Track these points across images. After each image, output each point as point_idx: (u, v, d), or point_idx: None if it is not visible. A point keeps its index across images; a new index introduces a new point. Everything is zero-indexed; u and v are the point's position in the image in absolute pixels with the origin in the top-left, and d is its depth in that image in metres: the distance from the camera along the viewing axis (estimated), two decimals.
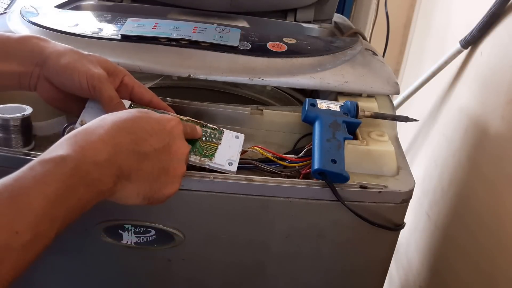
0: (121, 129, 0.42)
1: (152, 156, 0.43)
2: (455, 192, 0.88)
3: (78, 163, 0.37)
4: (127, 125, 0.43)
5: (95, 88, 0.50)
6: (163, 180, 0.44)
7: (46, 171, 0.35)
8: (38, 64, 0.50)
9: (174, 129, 0.46)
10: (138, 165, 0.42)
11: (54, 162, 0.36)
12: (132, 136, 0.42)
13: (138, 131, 0.43)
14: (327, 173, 0.51)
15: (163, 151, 0.44)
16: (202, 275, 0.60)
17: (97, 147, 0.39)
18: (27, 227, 0.33)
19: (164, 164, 0.44)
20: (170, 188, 0.45)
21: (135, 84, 0.55)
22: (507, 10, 0.77)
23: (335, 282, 0.61)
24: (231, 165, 0.53)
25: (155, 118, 0.45)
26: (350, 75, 0.65)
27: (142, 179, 0.43)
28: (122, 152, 0.41)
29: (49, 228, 0.34)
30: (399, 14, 1.33)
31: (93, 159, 0.38)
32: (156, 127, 0.44)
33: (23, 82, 0.51)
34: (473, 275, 0.79)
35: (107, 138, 0.40)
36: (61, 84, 0.51)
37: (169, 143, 0.45)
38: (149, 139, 0.43)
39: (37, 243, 0.34)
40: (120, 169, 0.40)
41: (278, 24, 0.89)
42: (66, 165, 0.36)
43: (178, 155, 0.46)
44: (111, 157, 0.39)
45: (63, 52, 0.51)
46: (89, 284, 0.61)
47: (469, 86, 0.87)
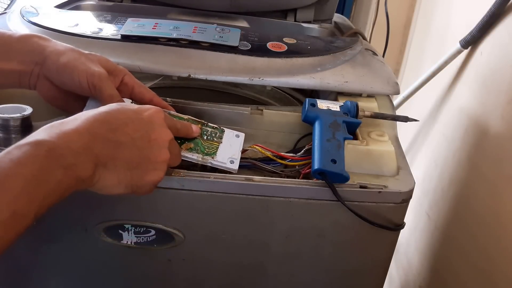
0: (96, 120, 0.42)
1: (129, 144, 0.43)
2: (455, 192, 0.88)
3: (53, 146, 0.38)
4: (102, 116, 0.43)
5: (96, 86, 0.50)
6: (144, 167, 0.44)
7: (22, 153, 0.36)
8: (38, 63, 0.51)
9: (152, 117, 0.46)
10: (115, 153, 0.42)
11: (30, 145, 0.37)
12: (107, 125, 0.42)
13: (113, 120, 0.43)
14: (327, 173, 0.51)
15: (141, 139, 0.44)
16: (202, 275, 0.60)
17: (72, 135, 0.40)
18: (5, 205, 0.34)
19: (144, 152, 0.44)
20: (154, 175, 0.45)
21: (136, 83, 0.55)
22: (507, 10, 0.77)
23: (335, 282, 0.61)
24: (232, 163, 0.53)
25: (131, 108, 0.46)
26: (350, 75, 0.65)
27: (121, 167, 0.43)
28: (97, 140, 0.41)
29: (27, 207, 0.35)
30: (399, 14, 1.33)
31: (68, 144, 0.39)
32: (133, 116, 0.45)
33: (23, 80, 0.51)
34: (473, 275, 0.79)
35: (82, 129, 0.41)
36: (61, 83, 0.51)
37: (147, 131, 0.45)
38: (125, 128, 0.43)
39: (16, 221, 0.34)
40: (96, 156, 0.41)
41: (278, 24, 0.89)
42: (41, 147, 0.37)
43: (159, 142, 0.46)
44: (86, 145, 0.40)
45: (63, 51, 0.51)
46: (89, 284, 0.61)
47: (469, 86, 0.87)
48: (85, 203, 0.53)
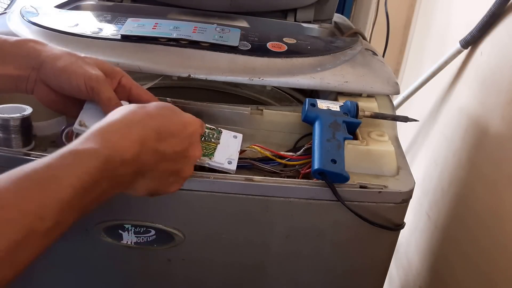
0: (150, 128, 0.42)
1: (169, 158, 0.44)
2: (455, 192, 0.88)
3: (109, 158, 0.38)
4: (155, 122, 0.43)
5: (93, 89, 0.50)
6: (171, 180, 0.46)
7: (77, 163, 0.36)
8: (34, 68, 0.50)
9: (195, 133, 0.47)
10: (156, 165, 0.43)
11: (86, 155, 0.37)
12: (158, 135, 0.43)
13: (163, 130, 0.44)
14: (327, 173, 0.51)
15: (180, 154, 0.45)
16: (202, 275, 0.60)
17: (126, 144, 0.40)
18: (52, 214, 0.34)
19: (178, 166, 0.46)
20: (174, 187, 0.47)
21: (133, 85, 0.55)
22: (507, 10, 0.77)
23: (335, 282, 0.61)
24: (230, 164, 0.53)
25: (180, 119, 0.46)
26: (350, 75, 0.65)
27: (155, 177, 0.44)
28: (147, 152, 0.42)
29: (69, 217, 0.36)
30: (399, 14, 1.33)
31: (121, 156, 0.39)
32: (180, 128, 0.45)
33: (19, 85, 0.51)
34: (473, 275, 0.79)
35: (136, 136, 0.41)
36: (58, 87, 0.51)
37: (187, 148, 0.46)
38: (172, 140, 0.44)
39: (57, 230, 0.35)
40: (140, 167, 0.42)
41: (278, 24, 0.89)
42: (97, 159, 0.37)
43: (191, 160, 0.47)
44: (136, 156, 0.40)
45: (59, 55, 0.51)
46: (89, 284, 0.61)
47: (469, 86, 0.87)
48: None
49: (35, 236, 0.33)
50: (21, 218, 0.32)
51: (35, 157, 0.51)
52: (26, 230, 0.32)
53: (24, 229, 0.32)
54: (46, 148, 0.57)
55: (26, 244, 0.33)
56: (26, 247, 0.33)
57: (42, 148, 0.57)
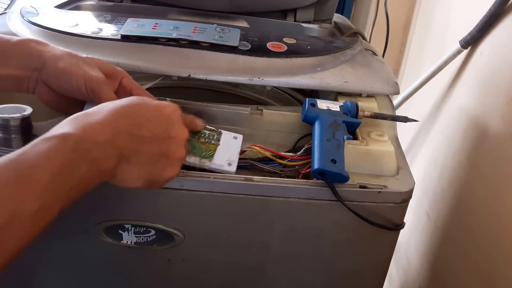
0: (119, 114, 0.43)
1: (151, 140, 0.44)
2: (455, 192, 0.88)
3: (79, 139, 0.38)
4: (126, 110, 0.43)
5: (94, 91, 0.50)
6: (163, 164, 0.46)
7: (49, 146, 0.37)
8: (36, 68, 0.51)
9: (171, 114, 0.47)
10: (137, 148, 0.43)
11: (57, 139, 0.37)
12: (130, 120, 0.43)
13: (136, 116, 0.44)
14: (327, 173, 0.51)
15: (162, 136, 0.45)
16: (202, 275, 0.60)
17: (97, 128, 0.40)
18: (33, 197, 0.34)
19: (164, 148, 0.45)
20: (170, 171, 0.46)
21: (134, 85, 0.55)
22: (507, 10, 0.77)
23: (335, 282, 0.61)
24: (230, 166, 0.53)
25: (152, 104, 0.46)
26: (350, 75, 0.65)
27: (142, 162, 0.44)
28: (120, 134, 0.42)
29: (53, 201, 0.36)
30: (399, 14, 1.33)
31: (93, 138, 0.39)
32: (154, 113, 0.45)
33: (21, 85, 0.51)
34: (473, 275, 0.79)
35: (106, 122, 0.41)
36: (59, 88, 0.51)
37: (167, 129, 0.46)
38: (148, 124, 0.44)
39: (43, 215, 0.35)
40: (120, 150, 0.41)
41: (278, 24, 0.89)
42: (68, 141, 0.38)
43: (178, 140, 0.47)
44: (110, 138, 0.41)
45: (60, 56, 0.51)
46: (89, 284, 0.61)
47: (468, 86, 0.87)
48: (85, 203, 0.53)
49: (19, 220, 0.33)
50: (2, 202, 0.33)
51: None
52: (8, 214, 0.33)
53: (7, 213, 0.33)
54: None
55: (11, 229, 0.33)
56: (11, 232, 0.33)
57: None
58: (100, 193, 0.51)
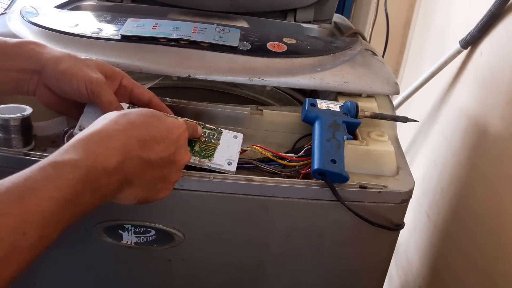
0: (132, 136, 0.42)
1: (156, 165, 0.44)
2: (455, 192, 0.88)
3: (90, 169, 0.37)
4: (139, 131, 0.43)
5: (94, 93, 0.50)
6: (160, 186, 0.45)
7: (57, 174, 0.35)
8: (35, 70, 0.50)
9: (180, 137, 0.47)
10: (142, 173, 0.43)
11: (67, 166, 0.36)
12: (140, 143, 0.42)
13: (148, 138, 0.43)
14: (327, 173, 0.51)
15: (167, 160, 0.45)
16: (202, 275, 0.60)
17: (109, 153, 0.39)
18: (35, 229, 0.33)
19: (165, 172, 0.45)
20: (163, 193, 0.46)
21: (134, 85, 0.55)
22: (507, 10, 0.77)
23: (335, 282, 0.61)
24: (230, 165, 0.53)
25: (165, 125, 0.46)
26: (349, 75, 0.65)
27: (143, 185, 0.43)
28: (130, 160, 0.41)
29: (54, 230, 0.35)
30: (399, 14, 1.33)
31: (103, 166, 0.38)
32: (165, 135, 0.45)
33: (21, 88, 0.51)
34: (473, 275, 0.79)
35: (118, 145, 0.40)
36: (60, 90, 0.51)
37: (174, 152, 0.45)
38: (157, 147, 0.43)
39: (41, 244, 0.34)
40: (125, 176, 0.41)
41: (278, 24, 0.89)
42: (78, 170, 0.37)
43: (179, 165, 0.46)
44: (120, 165, 0.40)
45: (60, 57, 0.51)
46: (89, 284, 0.61)
47: (468, 86, 0.87)
48: None
49: (18, 252, 0.32)
50: (2, 234, 0.31)
51: (35, 157, 0.51)
52: (9, 246, 0.32)
53: (7, 245, 0.32)
54: (46, 148, 0.57)
55: (9, 261, 0.32)
56: (9, 264, 0.32)
57: (42, 148, 0.57)
58: None
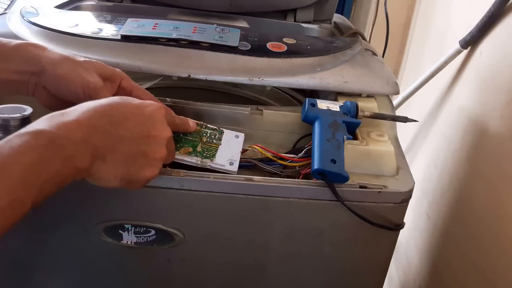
0: (97, 112, 0.42)
1: (128, 139, 0.44)
2: (455, 192, 0.88)
3: (54, 136, 0.38)
4: (104, 108, 0.43)
5: (92, 98, 0.50)
6: (140, 163, 0.45)
7: (22, 141, 0.37)
8: (34, 73, 0.51)
9: (154, 113, 0.47)
10: (113, 146, 0.43)
11: (30, 134, 0.37)
12: (108, 118, 0.43)
13: (114, 114, 0.44)
14: (327, 173, 0.51)
15: (140, 135, 0.45)
16: (202, 275, 0.60)
17: (72, 126, 0.40)
18: (3, 192, 0.34)
19: (142, 147, 0.45)
20: (149, 171, 0.46)
21: (133, 87, 0.55)
22: (507, 10, 0.77)
23: (335, 282, 0.61)
24: (232, 165, 0.53)
25: (134, 103, 0.46)
26: (349, 75, 0.65)
27: (118, 161, 0.43)
28: (97, 133, 0.41)
29: (25, 195, 0.36)
30: (399, 14, 1.33)
31: (68, 135, 0.39)
32: (134, 111, 0.45)
33: (20, 90, 0.52)
34: (472, 275, 0.79)
35: (82, 119, 0.41)
36: (58, 93, 0.52)
37: (148, 127, 0.45)
38: (126, 122, 0.44)
39: (14, 208, 0.35)
40: (95, 149, 0.41)
41: (278, 24, 0.89)
42: (41, 137, 0.38)
43: (158, 139, 0.46)
44: (86, 136, 0.40)
45: (59, 61, 0.51)
46: (89, 284, 0.61)
47: (468, 86, 0.87)
48: (85, 203, 0.53)
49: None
50: None
51: None
52: None
53: None
54: None
55: None
56: None
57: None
58: (100, 193, 0.51)
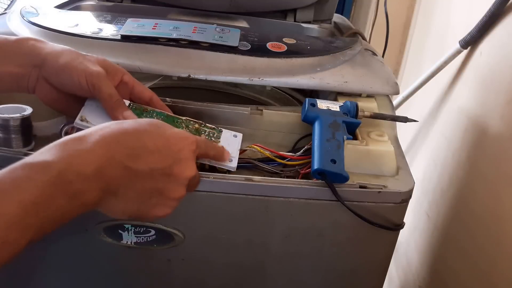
0: (117, 142, 0.39)
1: (146, 176, 0.40)
2: (455, 192, 0.88)
3: (61, 171, 0.35)
4: (126, 138, 0.40)
5: (94, 86, 0.49)
6: (154, 202, 0.42)
7: (25, 176, 0.33)
8: (36, 65, 0.50)
9: (183, 150, 0.42)
10: (128, 182, 0.39)
11: (36, 168, 0.34)
12: (128, 151, 0.39)
13: (137, 146, 0.40)
14: (327, 173, 0.51)
15: (161, 173, 0.41)
16: (202, 275, 0.60)
17: (86, 157, 0.37)
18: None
19: (159, 185, 0.41)
20: (160, 211, 0.43)
21: (135, 83, 0.55)
22: (507, 10, 0.77)
23: (335, 282, 0.61)
24: (231, 162, 0.53)
25: (164, 135, 0.42)
26: (349, 75, 0.65)
27: (130, 197, 0.40)
28: (112, 166, 0.38)
29: (19, 237, 0.33)
30: (399, 14, 1.33)
31: (78, 169, 0.36)
32: (161, 145, 0.41)
33: (21, 84, 0.51)
34: (472, 275, 0.79)
35: (99, 149, 0.38)
36: (60, 84, 0.51)
37: (171, 165, 0.41)
38: (147, 157, 0.40)
39: (6, 249, 0.32)
40: (107, 184, 0.38)
41: (278, 24, 0.89)
42: (48, 171, 0.34)
43: (179, 179, 0.42)
44: (99, 170, 0.37)
45: (60, 52, 0.51)
46: (89, 284, 0.61)
47: (468, 86, 0.87)
48: None
49: None
50: None
51: None
52: None
53: None
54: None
55: None
56: None
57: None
58: None
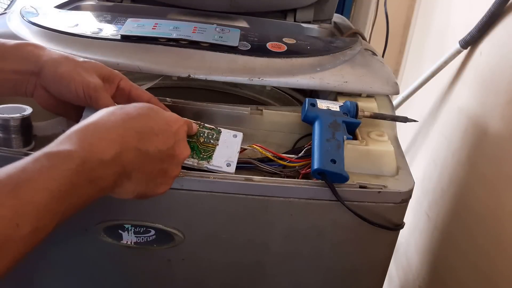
0: (130, 128, 0.42)
1: (154, 157, 0.43)
2: (455, 192, 0.88)
3: (85, 160, 0.37)
4: (134, 122, 0.43)
5: (91, 98, 0.50)
6: (158, 180, 0.45)
7: (52, 165, 0.35)
8: (33, 72, 0.50)
9: (179, 130, 0.47)
10: (140, 165, 0.42)
11: (61, 157, 0.36)
12: (139, 135, 0.42)
13: (146, 129, 0.43)
14: (327, 173, 0.51)
15: (166, 154, 0.44)
16: (202, 275, 0.60)
17: (105, 144, 0.39)
18: (28, 221, 0.33)
19: (164, 165, 0.45)
20: (163, 188, 0.46)
21: (132, 87, 0.55)
22: (507, 10, 0.77)
23: (335, 282, 0.61)
24: (229, 166, 0.53)
25: (163, 117, 0.46)
26: (349, 75, 0.65)
27: (141, 178, 0.43)
28: (128, 151, 0.41)
29: (49, 223, 0.35)
30: (399, 14, 1.33)
31: (99, 156, 0.38)
32: (163, 127, 0.45)
33: (19, 89, 0.51)
34: (472, 275, 0.79)
35: (116, 136, 0.40)
36: (58, 93, 0.51)
37: (173, 146, 0.45)
38: (155, 139, 0.43)
39: (36, 236, 0.34)
40: (123, 167, 0.41)
41: (278, 24, 0.89)
42: (72, 161, 0.36)
43: (179, 159, 0.46)
44: (117, 156, 0.40)
45: (58, 60, 0.51)
46: (89, 284, 0.61)
47: (468, 86, 0.87)
48: None
49: (11, 244, 0.32)
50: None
51: None
52: (2, 238, 0.31)
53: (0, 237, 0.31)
54: None
55: (3, 253, 0.32)
56: (3, 256, 0.32)
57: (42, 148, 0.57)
58: None
